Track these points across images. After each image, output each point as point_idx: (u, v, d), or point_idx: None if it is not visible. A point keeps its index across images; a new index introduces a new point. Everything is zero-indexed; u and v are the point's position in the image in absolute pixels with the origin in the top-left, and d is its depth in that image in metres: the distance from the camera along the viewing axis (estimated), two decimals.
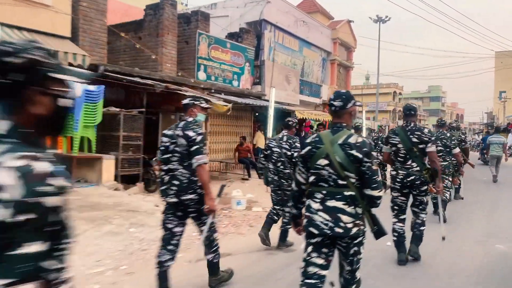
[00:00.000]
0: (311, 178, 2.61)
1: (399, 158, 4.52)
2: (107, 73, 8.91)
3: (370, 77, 55.73)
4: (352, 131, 2.69)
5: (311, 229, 2.55)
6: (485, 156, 14.07)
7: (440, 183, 4.51)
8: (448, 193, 7.09)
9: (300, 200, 2.74)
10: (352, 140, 2.51)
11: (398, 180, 4.48)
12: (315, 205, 2.56)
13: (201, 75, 12.48)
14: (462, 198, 8.09)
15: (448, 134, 7.07)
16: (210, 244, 3.58)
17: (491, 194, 9.84)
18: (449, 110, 77.89)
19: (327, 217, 2.51)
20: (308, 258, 2.59)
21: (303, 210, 2.71)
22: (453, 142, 6.88)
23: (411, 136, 4.41)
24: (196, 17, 12.60)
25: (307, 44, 19.08)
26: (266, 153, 5.16)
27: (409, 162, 4.43)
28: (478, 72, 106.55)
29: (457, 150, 6.87)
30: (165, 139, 3.48)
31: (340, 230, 2.48)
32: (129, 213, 6.14)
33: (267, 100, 12.37)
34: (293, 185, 2.79)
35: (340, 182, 2.51)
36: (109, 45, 12.89)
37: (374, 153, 2.69)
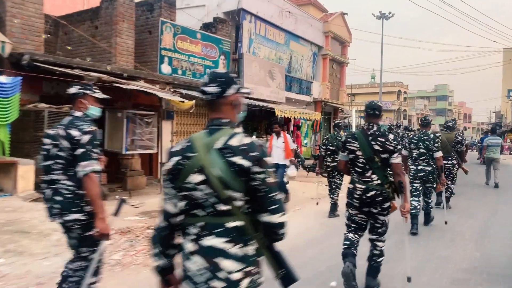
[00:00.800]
0: (182, 204, 1.71)
1: (356, 168, 3.74)
2: (37, 63, 7.67)
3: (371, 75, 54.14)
4: (237, 129, 1.74)
5: (186, 284, 1.67)
6: (482, 156, 13.39)
7: (407, 203, 3.58)
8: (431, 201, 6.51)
9: (169, 243, 1.77)
10: (234, 142, 1.66)
11: (356, 196, 3.70)
12: (189, 245, 1.68)
13: (165, 68, 11.18)
14: (446, 223, 6.41)
15: (432, 136, 6.17)
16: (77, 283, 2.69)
17: (488, 205, 8.36)
18: (456, 110, 76.14)
19: (203, 263, 1.62)
20: None
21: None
22: (435, 145, 6.04)
23: (373, 143, 3.64)
24: (159, 4, 11.31)
25: (294, 37, 17.68)
26: None
27: (369, 174, 3.66)
28: (482, 68, 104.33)
29: (438, 154, 6.03)
30: (47, 140, 2.80)
31: (220, 285, 1.59)
32: (16, 235, 4.86)
33: (247, 98, 11.06)
34: (158, 220, 1.80)
35: (221, 207, 1.65)
36: (66, 36, 11.73)
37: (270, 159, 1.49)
